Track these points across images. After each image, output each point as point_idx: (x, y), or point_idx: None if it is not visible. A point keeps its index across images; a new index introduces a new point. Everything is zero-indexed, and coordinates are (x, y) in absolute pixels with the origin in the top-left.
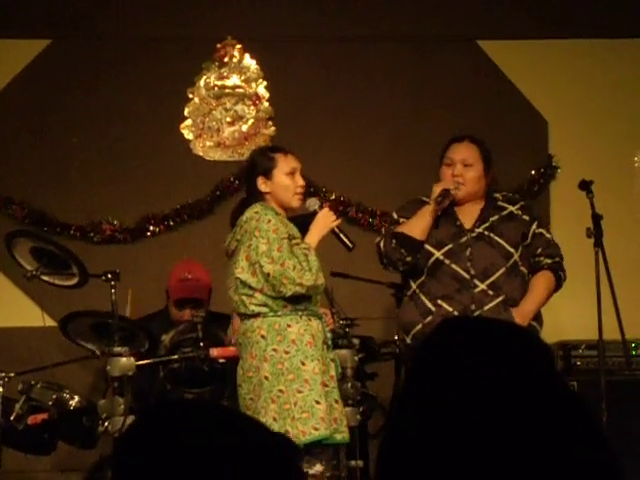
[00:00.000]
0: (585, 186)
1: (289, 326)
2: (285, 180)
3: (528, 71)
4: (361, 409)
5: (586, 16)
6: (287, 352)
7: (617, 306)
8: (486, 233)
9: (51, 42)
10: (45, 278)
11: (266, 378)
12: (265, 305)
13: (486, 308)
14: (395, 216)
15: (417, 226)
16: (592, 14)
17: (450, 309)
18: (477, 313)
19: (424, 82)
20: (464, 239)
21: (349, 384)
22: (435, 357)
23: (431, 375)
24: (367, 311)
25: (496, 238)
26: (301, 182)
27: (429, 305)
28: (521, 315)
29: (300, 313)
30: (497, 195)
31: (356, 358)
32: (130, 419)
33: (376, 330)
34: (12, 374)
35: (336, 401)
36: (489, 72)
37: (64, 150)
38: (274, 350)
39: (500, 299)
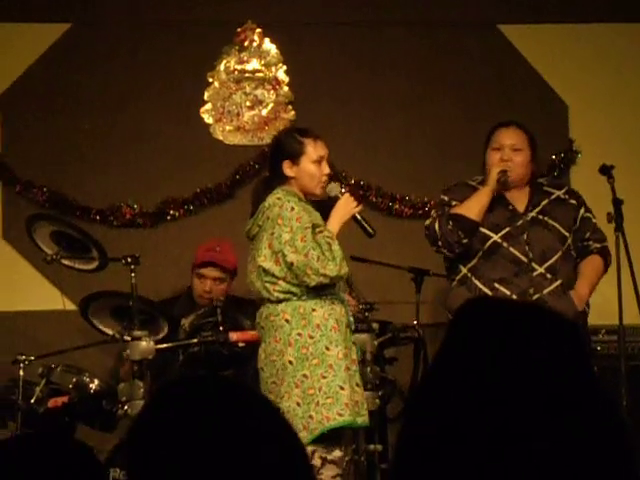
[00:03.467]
0: (606, 171)
1: (314, 310)
2: (312, 168)
3: (549, 55)
4: (380, 393)
5: (607, 0)
6: (312, 337)
7: (638, 291)
8: (540, 217)
9: (71, 26)
10: (65, 262)
11: (290, 362)
12: (289, 292)
13: (545, 292)
14: (446, 198)
15: (474, 207)
16: None
17: (508, 292)
18: (536, 297)
19: (444, 66)
20: (520, 222)
21: (368, 368)
22: (461, 339)
23: (456, 358)
24: (386, 295)
25: (551, 222)
26: (327, 170)
27: (485, 289)
28: (579, 298)
29: (324, 297)
30: (541, 180)
31: (375, 342)
32: None
33: (395, 315)
34: (32, 357)
35: (357, 385)
36: (509, 56)
37: (84, 134)
38: (299, 334)
39: (558, 282)
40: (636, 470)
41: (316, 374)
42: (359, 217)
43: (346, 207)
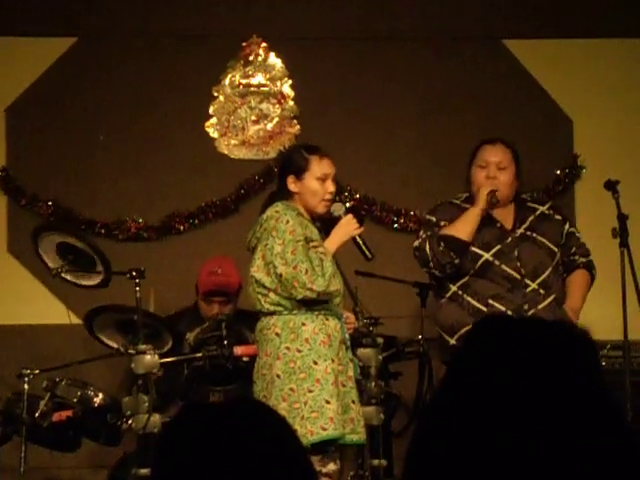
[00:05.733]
0: (611, 186)
1: (304, 324)
2: (315, 185)
3: (553, 70)
4: (384, 408)
5: (612, 15)
6: (299, 351)
7: None
8: (529, 233)
9: (77, 40)
10: (68, 278)
11: (278, 376)
12: (279, 304)
13: (540, 307)
14: (434, 219)
15: (465, 228)
16: (618, 13)
17: (503, 308)
18: (531, 312)
19: (449, 81)
20: (510, 239)
21: (373, 383)
22: (477, 356)
23: (471, 374)
24: (391, 310)
25: (540, 238)
26: (331, 189)
27: (478, 305)
28: (574, 312)
29: (316, 312)
30: (524, 196)
31: (380, 357)
32: (154, 417)
33: (400, 329)
34: (37, 371)
35: (353, 402)
36: (514, 71)
37: (90, 147)
38: (287, 348)
39: (552, 298)
40: None
41: (302, 388)
42: (359, 239)
43: (347, 228)
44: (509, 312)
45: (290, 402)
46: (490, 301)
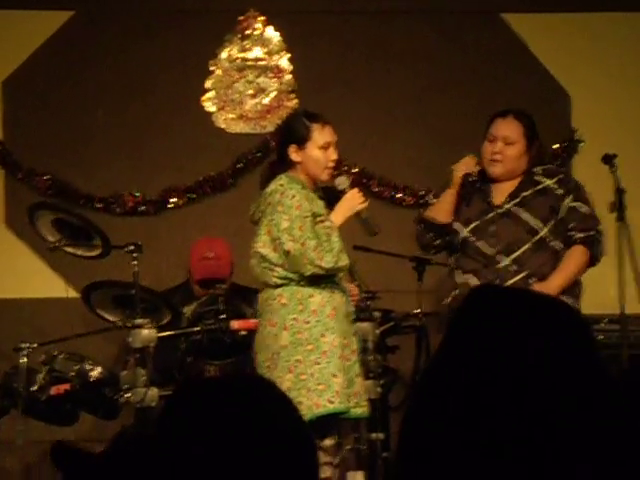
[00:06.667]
0: (608, 160)
1: (311, 296)
2: (317, 153)
3: (552, 45)
4: (382, 382)
5: None
6: (307, 322)
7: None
8: (514, 209)
9: (74, 14)
10: (68, 249)
11: (284, 347)
12: (286, 278)
13: (509, 283)
14: (431, 200)
15: (441, 209)
16: None
17: (477, 284)
18: None
19: (447, 55)
20: (490, 215)
21: (370, 357)
22: (466, 328)
23: (463, 346)
24: (389, 284)
25: (524, 214)
26: (334, 156)
27: (461, 280)
28: (544, 289)
29: (323, 285)
30: (537, 169)
31: (377, 331)
32: (152, 390)
33: (397, 303)
34: (35, 345)
35: (357, 375)
36: (512, 46)
37: (87, 122)
38: (294, 319)
39: (523, 274)
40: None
41: (309, 360)
42: (363, 215)
43: (352, 202)
44: None
45: (296, 373)
46: (467, 276)
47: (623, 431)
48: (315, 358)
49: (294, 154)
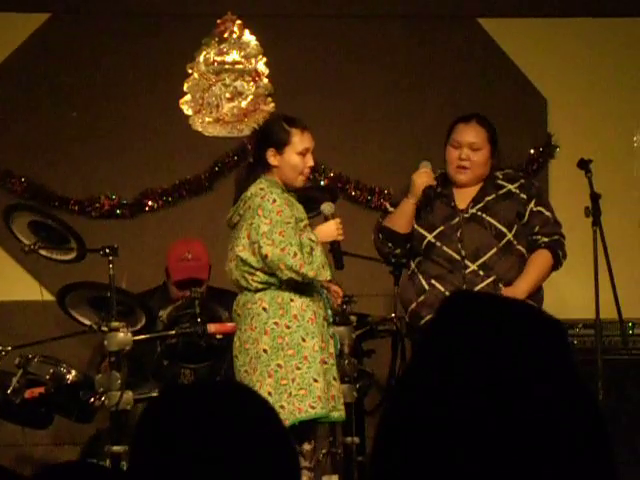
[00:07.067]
0: (584, 165)
1: (292, 300)
2: (295, 159)
3: (528, 49)
4: (358, 386)
5: None
6: (288, 327)
7: (614, 285)
8: (479, 214)
9: (50, 16)
10: (43, 252)
11: (265, 351)
12: (267, 282)
13: (477, 289)
14: (387, 206)
15: (400, 219)
16: None
17: (442, 289)
18: None
19: (424, 59)
20: (456, 220)
21: (346, 361)
22: (442, 333)
23: (439, 352)
24: (365, 288)
25: (488, 218)
26: (310, 163)
27: (424, 284)
28: (512, 294)
29: (303, 289)
30: (498, 174)
31: (353, 335)
32: (127, 394)
33: (374, 307)
34: (9, 348)
35: (334, 378)
36: (489, 50)
37: (64, 124)
38: (275, 324)
39: (491, 279)
40: (614, 464)
41: (290, 365)
42: (337, 245)
43: (331, 232)
44: (447, 293)
45: (277, 378)
46: (432, 281)
47: (593, 434)
48: (296, 363)
49: (272, 158)
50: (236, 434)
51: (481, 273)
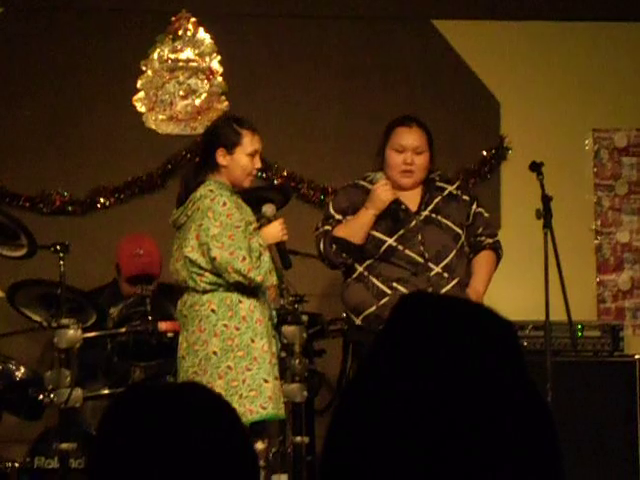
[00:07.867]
0: (535, 167)
1: (240, 302)
2: (244, 160)
3: (482, 52)
4: (308, 386)
5: None
6: (238, 328)
7: (564, 287)
8: (433, 215)
9: (2, 11)
10: None
11: (214, 353)
12: (215, 283)
13: (443, 291)
14: (332, 212)
15: (358, 231)
16: None
17: (406, 292)
18: None
19: (377, 60)
20: (413, 223)
21: (297, 360)
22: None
23: (391, 352)
24: (316, 288)
25: (444, 220)
26: (258, 165)
27: (383, 287)
28: (477, 295)
29: (250, 290)
30: (433, 175)
31: (304, 335)
32: (77, 391)
33: (325, 307)
34: None
35: (276, 378)
36: (443, 52)
37: (15, 120)
38: (225, 326)
39: (455, 281)
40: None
41: (240, 366)
42: (282, 247)
43: (275, 234)
44: None
45: (227, 380)
46: (394, 284)
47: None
48: (246, 364)
49: (221, 158)
50: (193, 433)
51: (445, 275)
